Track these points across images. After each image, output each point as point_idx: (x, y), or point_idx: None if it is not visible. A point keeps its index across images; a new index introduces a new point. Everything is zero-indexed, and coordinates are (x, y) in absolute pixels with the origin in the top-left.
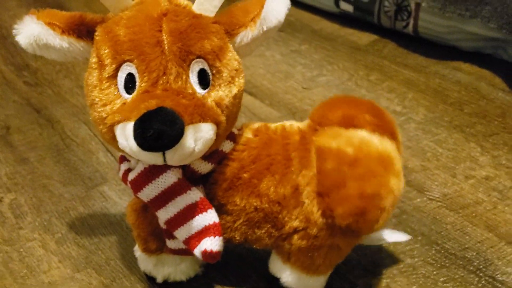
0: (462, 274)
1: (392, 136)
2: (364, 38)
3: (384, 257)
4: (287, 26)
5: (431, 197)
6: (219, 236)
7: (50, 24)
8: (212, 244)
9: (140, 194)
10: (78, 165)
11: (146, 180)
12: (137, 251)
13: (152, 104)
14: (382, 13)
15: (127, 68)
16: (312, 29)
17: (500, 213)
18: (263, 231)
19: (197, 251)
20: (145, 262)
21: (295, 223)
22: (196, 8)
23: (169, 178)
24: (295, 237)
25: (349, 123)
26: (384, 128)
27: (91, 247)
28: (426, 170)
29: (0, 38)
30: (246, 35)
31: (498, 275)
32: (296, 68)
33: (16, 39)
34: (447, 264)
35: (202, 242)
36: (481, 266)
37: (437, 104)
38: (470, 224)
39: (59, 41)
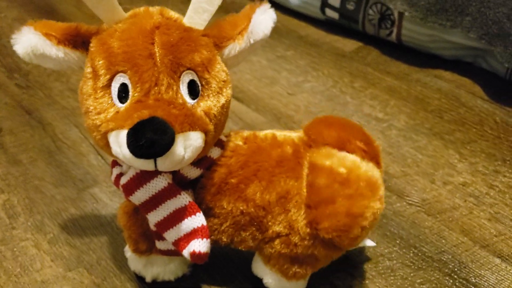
0: (438, 276)
1: (377, 163)
2: (349, 45)
3: (363, 259)
4: (274, 32)
5: (410, 202)
6: (207, 238)
7: (46, 35)
8: (200, 245)
9: (131, 198)
10: (69, 167)
11: (137, 184)
12: (128, 252)
13: (145, 114)
14: (367, 21)
15: (121, 79)
16: (298, 35)
17: (475, 218)
18: (248, 234)
19: (185, 252)
20: (135, 262)
21: (278, 228)
22: (186, 21)
23: (159, 183)
24: (277, 241)
25: (341, 146)
26: (372, 155)
27: (82, 247)
28: (406, 175)
29: None
30: (233, 47)
31: (472, 278)
32: (281, 74)
33: (13, 48)
34: (424, 267)
35: (190, 243)
36: (456, 269)
37: (418, 112)
38: (446, 228)
39: (55, 51)
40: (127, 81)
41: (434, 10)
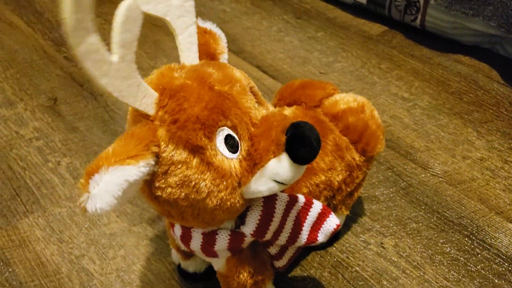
0: (458, 237)
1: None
2: (375, 28)
3: (393, 222)
4: (304, 14)
5: (433, 173)
6: (331, 212)
7: (135, 158)
8: (335, 220)
9: (266, 236)
10: None
11: (268, 220)
12: None
13: (288, 122)
14: (393, 7)
15: (220, 133)
16: (327, 17)
17: (491, 189)
18: (322, 199)
19: (321, 237)
20: None
21: (341, 176)
22: (186, 61)
23: (283, 199)
24: (343, 186)
25: (328, 94)
26: (338, 90)
27: (143, 205)
28: (429, 150)
29: (35, 13)
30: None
31: (488, 239)
32: (313, 54)
33: (93, 208)
34: (446, 229)
35: (325, 225)
36: (474, 231)
37: (439, 93)
38: (466, 197)
39: (137, 170)
40: (228, 131)
41: None
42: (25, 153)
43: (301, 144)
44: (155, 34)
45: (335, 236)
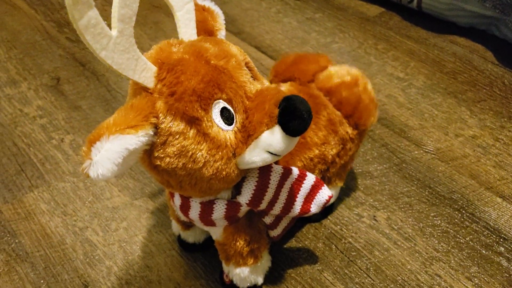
0: (449, 211)
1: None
2: (373, 10)
3: (386, 197)
4: None
5: (426, 150)
6: (324, 184)
7: (134, 128)
8: (327, 191)
9: (261, 206)
10: None
11: (263, 189)
12: (245, 271)
13: (281, 96)
14: None
15: (216, 106)
16: None
17: (482, 165)
18: (316, 172)
19: (314, 208)
20: (256, 273)
21: (335, 150)
22: (185, 38)
23: (277, 170)
24: (337, 159)
25: (322, 68)
26: (331, 62)
27: (145, 180)
28: (423, 128)
29: None
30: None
31: (477, 213)
32: (311, 35)
33: (95, 175)
34: (437, 203)
35: (317, 197)
36: (464, 205)
37: (434, 73)
38: (457, 173)
39: (136, 139)
40: (224, 104)
41: None
42: (29, 130)
43: (292, 116)
44: (155, 15)
45: (330, 209)
